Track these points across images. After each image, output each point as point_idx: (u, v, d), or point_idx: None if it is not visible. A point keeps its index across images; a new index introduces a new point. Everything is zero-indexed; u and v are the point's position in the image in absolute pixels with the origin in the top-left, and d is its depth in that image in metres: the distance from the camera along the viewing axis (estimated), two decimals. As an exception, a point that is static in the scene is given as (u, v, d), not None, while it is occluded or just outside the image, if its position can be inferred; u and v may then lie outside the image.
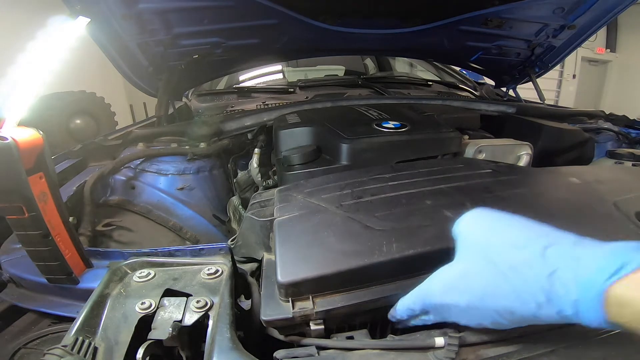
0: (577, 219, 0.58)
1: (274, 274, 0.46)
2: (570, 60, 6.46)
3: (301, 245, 0.50)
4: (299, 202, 0.61)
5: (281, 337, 0.44)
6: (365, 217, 0.55)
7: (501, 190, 0.63)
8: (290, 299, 0.44)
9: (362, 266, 0.45)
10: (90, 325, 0.44)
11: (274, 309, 0.44)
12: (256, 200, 0.69)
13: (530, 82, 1.72)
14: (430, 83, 1.89)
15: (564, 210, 0.61)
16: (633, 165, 1.09)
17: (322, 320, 0.43)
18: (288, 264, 0.47)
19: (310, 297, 0.44)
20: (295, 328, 0.44)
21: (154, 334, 0.42)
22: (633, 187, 0.68)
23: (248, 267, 0.61)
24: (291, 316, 0.42)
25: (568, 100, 6.72)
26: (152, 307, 0.45)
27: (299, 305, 0.44)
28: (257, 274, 0.59)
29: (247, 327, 0.49)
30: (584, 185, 0.68)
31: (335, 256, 0.47)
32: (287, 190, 0.67)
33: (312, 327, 0.43)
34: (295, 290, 0.44)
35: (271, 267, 0.51)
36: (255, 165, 1.13)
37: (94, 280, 0.55)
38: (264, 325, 0.44)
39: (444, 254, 0.48)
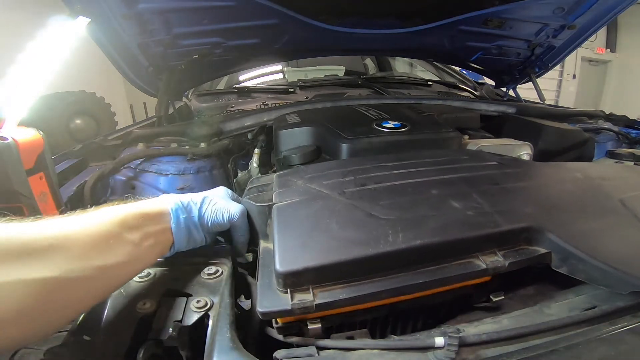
0: (585, 213, 0.57)
1: (272, 263, 0.44)
2: (570, 60, 6.47)
3: (301, 233, 0.48)
4: (299, 188, 0.59)
5: (280, 338, 0.44)
6: (369, 205, 0.52)
7: (507, 182, 0.62)
8: (288, 289, 0.42)
9: (367, 256, 0.43)
10: (90, 325, 0.44)
11: (271, 300, 0.41)
12: (254, 185, 0.66)
13: (530, 82, 1.71)
14: (430, 83, 1.88)
15: (571, 204, 0.60)
16: (635, 164, 1.09)
17: (319, 320, 0.42)
18: (287, 252, 0.44)
19: (311, 288, 0.42)
20: (294, 328, 0.44)
21: (154, 334, 0.42)
22: (638, 185, 0.67)
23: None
24: (290, 308, 0.40)
25: (568, 100, 6.72)
26: (152, 307, 0.45)
27: (298, 297, 0.41)
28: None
29: (247, 327, 0.48)
30: (590, 180, 0.67)
31: (337, 245, 0.45)
32: (286, 175, 0.65)
33: (310, 326, 0.42)
34: (295, 281, 0.42)
35: (269, 255, 0.49)
36: (255, 165, 1.13)
37: (94, 280, 0.54)
38: (261, 317, 0.41)
39: (451, 245, 0.47)
